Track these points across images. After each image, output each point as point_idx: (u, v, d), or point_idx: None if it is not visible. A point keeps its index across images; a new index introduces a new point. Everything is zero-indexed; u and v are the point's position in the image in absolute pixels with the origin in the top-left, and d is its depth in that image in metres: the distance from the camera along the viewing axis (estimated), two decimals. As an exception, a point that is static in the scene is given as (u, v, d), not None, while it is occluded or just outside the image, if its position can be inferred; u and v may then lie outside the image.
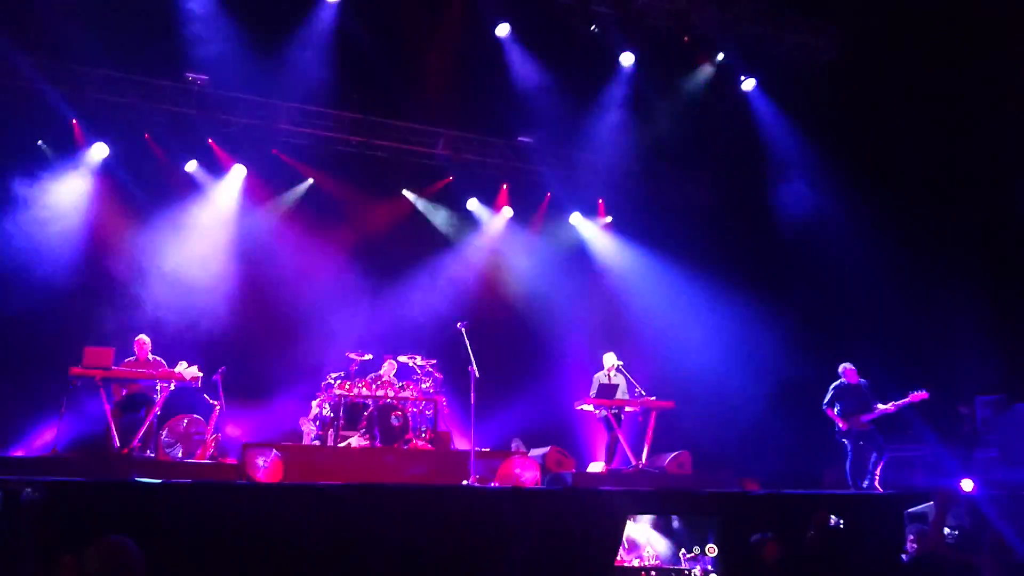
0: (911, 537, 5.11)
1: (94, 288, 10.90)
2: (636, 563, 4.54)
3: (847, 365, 9.54)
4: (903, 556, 4.85)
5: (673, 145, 13.16)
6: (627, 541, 4.53)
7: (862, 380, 9.46)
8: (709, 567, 4.50)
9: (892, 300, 11.79)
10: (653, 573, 4.51)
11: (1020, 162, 10.83)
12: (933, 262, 11.47)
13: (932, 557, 4.11)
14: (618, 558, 4.42)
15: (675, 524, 4.63)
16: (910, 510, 6.19)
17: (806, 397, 10.29)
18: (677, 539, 4.58)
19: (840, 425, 9.32)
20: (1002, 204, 11.10)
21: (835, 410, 9.39)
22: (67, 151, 11.37)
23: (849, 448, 9.32)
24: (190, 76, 11.38)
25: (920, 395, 9.02)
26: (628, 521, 4.55)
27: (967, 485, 7.65)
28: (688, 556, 4.55)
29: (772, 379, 11.47)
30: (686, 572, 4.50)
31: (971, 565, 3.45)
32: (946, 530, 5.35)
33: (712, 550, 4.52)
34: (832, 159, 12.16)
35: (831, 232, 12.04)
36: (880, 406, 9.20)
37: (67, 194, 11.14)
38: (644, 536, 4.57)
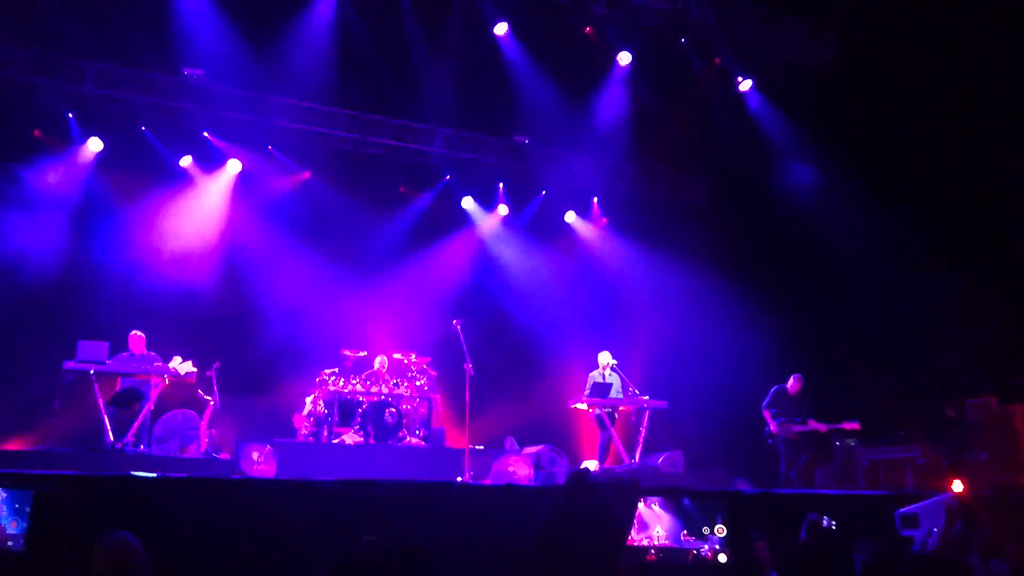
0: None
1: (88, 282, 10.85)
2: (645, 542, 4.59)
3: (796, 375, 10.14)
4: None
5: (670, 145, 13.18)
6: (636, 520, 4.57)
7: (803, 393, 10.08)
8: (717, 546, 4.54)
9: (885, 302, 11.83)
10: (652, 551, 4.56)
11: (1016, 161, 10.88)
12: (927, 265, 11.52)
13: (931, 558, 4.15)
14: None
15: (684, 505, 4.68)
16: (900, 511, 6.25)
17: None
18: (686, 519, 4.64)
19: (771, 428, 9.89)
20: (998, 205, 11.16)
21: (771, 413, 9.94)
22: (62, 144, 11.34)
23: (781, 451, 9.90)
24: (186, 71, 11.34)
25: (852, 425, 9.75)
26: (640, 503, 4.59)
27: (957, 487, 7.73)
28: (688, 536, 4.60)
29: (765, 379, 11.50)
30: (693, 552, 4.54)
31: (964, 566, 3.50)
32: (934, 530, 5.41)
33: (721, 531, 4.57)
34: (827, 160, 12.21)
35: (827, 233, 12.08)
36: (813, 422, 9.79)
37: (62, 187, 11.12)
38: (653, 516, 4.62)
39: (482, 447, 10.39)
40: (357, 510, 5.87)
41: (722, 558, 4.50)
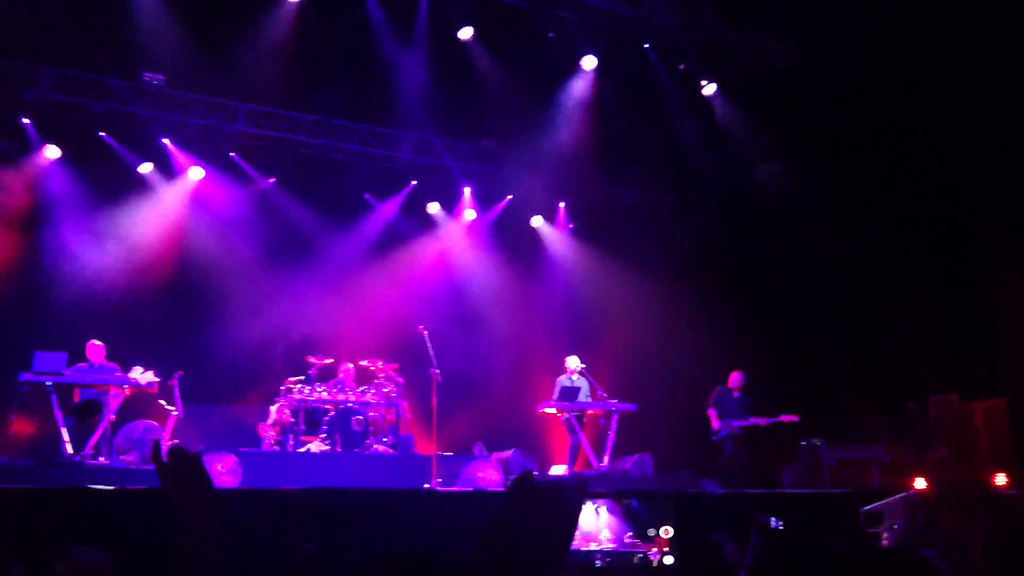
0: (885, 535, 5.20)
1: (45, 291, 10.62)
2: (592, 547, 4.57)
3: (737, 372, 10.40)
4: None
5: (635, 149, 13.24)
6: (582, 527, 4.55)
7: (745, 390, 10.38)
8: (665, 548, 4.54)
9: (848, 302, 11.99)
10: (599, 556, 4.54)
11: (976, 163, 11.08)
12: (888, 262, 11.69)
13: (893, 553, 4.20)
14: (574, 543, 4.43)
15: (632, 507, 4.66)
16: (865, 509, 6.32)
17: (766, 398, 10.48)
18: (633, 522, 4.63)
19: (714, 426, 10.10)
20: (960, 205, 11.34)
21: (715, 412, 10.18)
22: (18, 151, 11.09)
23: (726, 450, 10.11)
24: (145, 76, 11.16)
25: (791, 417, 9.98)
26: (585, 506, 4.56)
27: (919, 484, 7.84)
28: (633, 539, 4.58)
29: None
30: (639, 555, 4.53)
31: (927, 561, 3.53)
32: (895, 525, 5.48)
33: (668, 532, 4.57)
34: (792, 164, 12.34)
35: (791, 235, 12.22)
36: (752, 418, 10.06)
37: (18, 195, 10.88)
38: (599, 521, 4.60)
39: (451, 453, 10.34)
40: (324, 519, 5.79)
41: (668, 560, 4.50)
